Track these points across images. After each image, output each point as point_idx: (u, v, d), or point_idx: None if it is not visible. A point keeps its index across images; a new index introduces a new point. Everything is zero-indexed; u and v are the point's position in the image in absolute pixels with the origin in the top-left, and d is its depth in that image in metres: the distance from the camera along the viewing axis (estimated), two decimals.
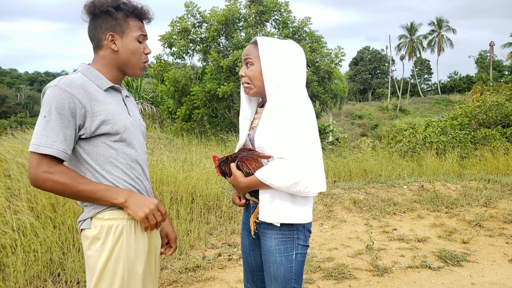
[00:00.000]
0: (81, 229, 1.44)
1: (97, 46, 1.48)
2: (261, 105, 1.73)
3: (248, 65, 1.61)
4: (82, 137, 1.39)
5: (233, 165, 1.60)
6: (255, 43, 1.61)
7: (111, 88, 1.48)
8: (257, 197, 1.63)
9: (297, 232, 1.57)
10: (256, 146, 1.60)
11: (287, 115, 1.51)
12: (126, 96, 1.58)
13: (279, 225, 1.55)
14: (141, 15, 1.50)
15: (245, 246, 1.78)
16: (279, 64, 1.56)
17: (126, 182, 1.45)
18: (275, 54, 1.57)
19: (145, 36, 1.52)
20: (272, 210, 1.54)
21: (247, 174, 1.57)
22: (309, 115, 1.54)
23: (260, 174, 1.51)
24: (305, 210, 1.58)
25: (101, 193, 1.37)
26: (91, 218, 1.41)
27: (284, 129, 1.51)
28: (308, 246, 1.63)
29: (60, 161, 1.36)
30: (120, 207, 1.42)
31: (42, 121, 1.32)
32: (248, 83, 1.62)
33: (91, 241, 1.40)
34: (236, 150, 1.72)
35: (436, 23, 51.59)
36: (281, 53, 1.57)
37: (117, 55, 1.47)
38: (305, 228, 1.60)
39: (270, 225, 1.58)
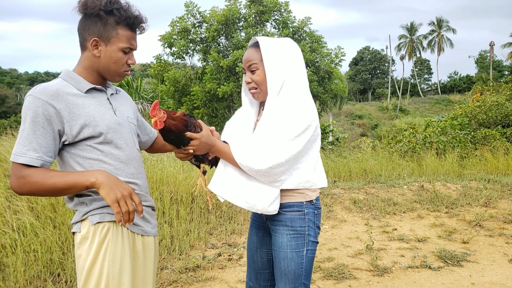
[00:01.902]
0: (73, 232, 1.46)
1: (82, 45, 1.47)
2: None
3: (254, 70, 1.61)
4: (66, 142, 1.39)
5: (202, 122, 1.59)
6: (256, 45, 1.61)
7: (93, 89, 1.47)
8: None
9: (308, 229, 1.59)
10: None
11: (286, 113, 1.52)
12: (112, 94, 1.56)
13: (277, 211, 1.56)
14: (133, 25, 1.46)
15: (253, 244, 1.78)
16: (282, 63, 1.57)
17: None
18: (277, 53, 1.57)
19: (132, 49, 1.49)
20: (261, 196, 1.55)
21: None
22: (309, 114, 1.53)
23: (234, 148, 1.55)
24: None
25: (74, 180, 1.33)
26: (81, 221, 1.43)
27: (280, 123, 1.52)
28: (317, 242, 1.65)
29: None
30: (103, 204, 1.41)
31: (20, 131, 1.35)
32: (255, 88, 1.63)
33: (80, 241, 1.42)
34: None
35: (436, 23, 51.59)
36: (282, 51, 1.58)
37: (98, 60, 1.45)
38: (315, 225, 1.63)
39: (282, 221, 1.59)
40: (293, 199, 1.59)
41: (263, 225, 1.73)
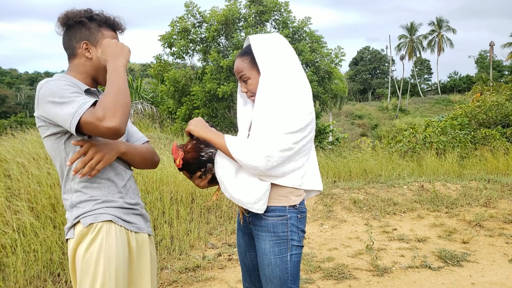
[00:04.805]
0: (67, 239, 1.47)
1: (71, 55, 1.52)
2: None
3: (246, 80, 1.63)
4: None
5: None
6: (242, 54, 1.63)
7: (88, 92, 1.51)
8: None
9: (291, 233, 1.58)
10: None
11: (275, 107, 1.51)
12: None
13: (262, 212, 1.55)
14: (114, 26, 1.55)
15: (241, 247, 1.78)
16: (272, 60, 1.56)
17: (109, 180, 1.49)
18: (268, 53, 1.57)
19: None
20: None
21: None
22: (307, 112, 1.52)
23: (227, 138, 1.54)
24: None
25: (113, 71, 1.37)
26: (73, 226, 1.44)
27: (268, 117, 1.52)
28: (302, 246, 1.63)
29: None
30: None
31: (57, 105, 1.31)
32: (253, 96, 1.64)
33: (75, 242, 1.43)
34: None
35: (436, 23, 51.56)
36: (272, 48, 1.57)
37: (91, 62, 1.50)
38: (298, 229, 1.61)
39: (264, 227, 1.58)
40: (276, 203, 1.57)
41: (247, 230, 1.72)
